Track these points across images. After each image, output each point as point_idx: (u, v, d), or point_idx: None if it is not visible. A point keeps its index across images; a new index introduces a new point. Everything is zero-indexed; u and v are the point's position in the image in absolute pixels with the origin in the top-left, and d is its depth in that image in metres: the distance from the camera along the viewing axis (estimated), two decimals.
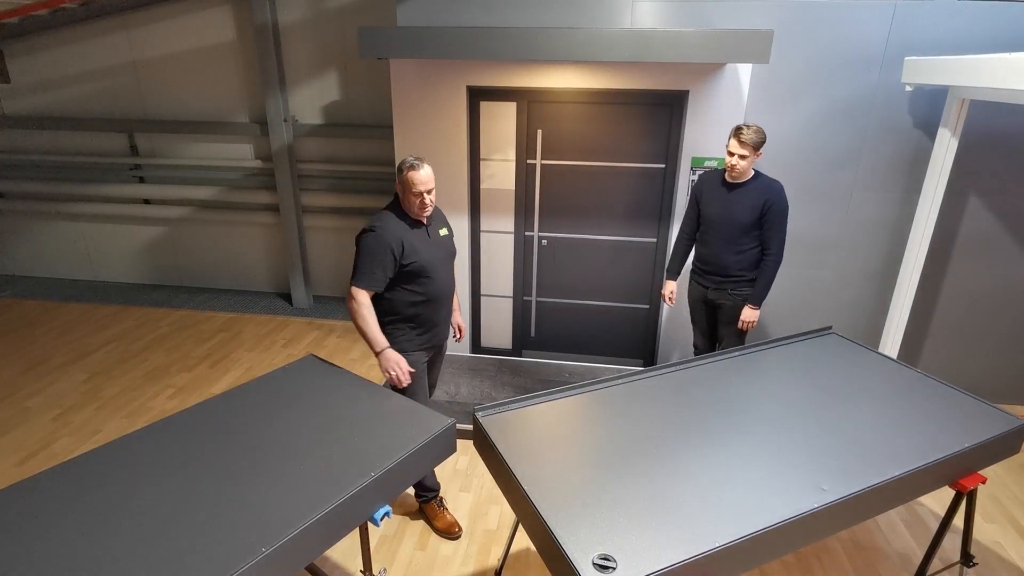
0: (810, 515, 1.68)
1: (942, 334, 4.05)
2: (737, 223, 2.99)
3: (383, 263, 2.41)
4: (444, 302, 2.63)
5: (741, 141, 2.84)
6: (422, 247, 2.48)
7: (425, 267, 2.48)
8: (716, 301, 3.19)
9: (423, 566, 2.68)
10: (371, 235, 2.40)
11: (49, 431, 3.62)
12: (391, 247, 2.39)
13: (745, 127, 2.84)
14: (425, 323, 2.60)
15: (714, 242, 3.10)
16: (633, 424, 2.10)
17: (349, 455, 1.87)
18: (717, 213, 3.05)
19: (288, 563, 1.55)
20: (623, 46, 3.11)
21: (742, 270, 3.07)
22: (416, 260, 2.45)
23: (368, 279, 2.42)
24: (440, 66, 3.76)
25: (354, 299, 2.44)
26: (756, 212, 2.95)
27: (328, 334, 4.99)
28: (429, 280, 2.52)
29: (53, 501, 1.67)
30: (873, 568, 2.71)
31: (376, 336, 2.47)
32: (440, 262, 2.56)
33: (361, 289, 2.43)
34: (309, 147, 5.24)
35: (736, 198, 2.99)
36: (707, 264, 3.16)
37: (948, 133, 3.35)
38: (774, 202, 2.92)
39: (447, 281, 2.62)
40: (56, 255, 6.11)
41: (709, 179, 3.14)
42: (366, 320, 2.45)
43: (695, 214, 3.23)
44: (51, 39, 5.25)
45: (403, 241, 2.42)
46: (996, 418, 2.16)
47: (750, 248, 3.03)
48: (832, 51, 3.57)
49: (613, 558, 1.50)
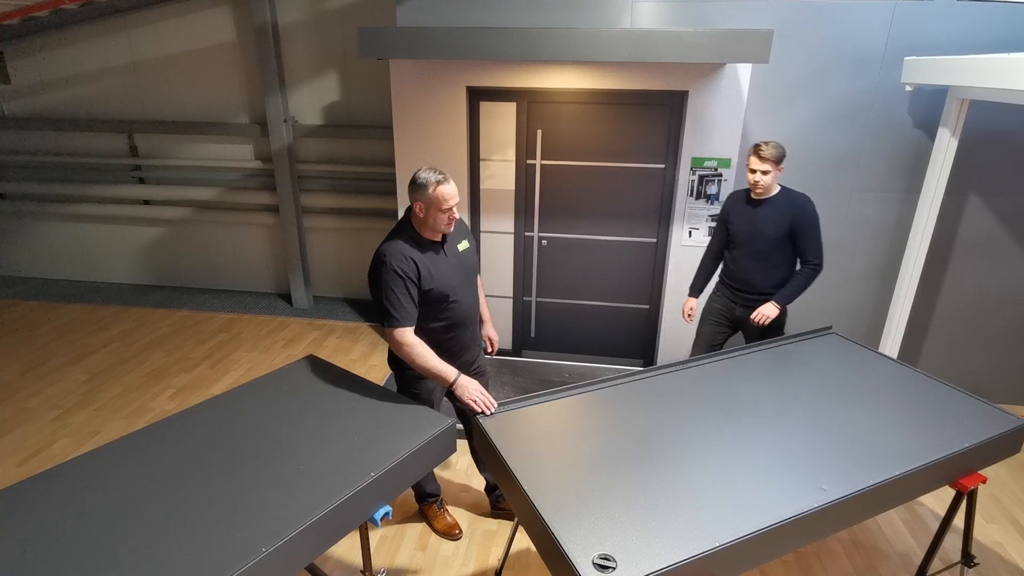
0: (810, 515, 1.68)
1: (942, 334, 4.05)
2: (764, 239, 2.94)
3: (408, 293, 2.23)
4: (469, 323, 2.47)
5: (761, 157, 2.81)
6: (438, 270, 2.30)
7: (445, 291, 2.31)
8: (743, 318, 3.13)
9: (423, 566, 2.68)
10: (384, 270, 2.22)
11: (49, 432, 3.61)
12: (407, 275, 2.22)
13: (764, 143, 2.81)
14: (450, 348, 2.42)
15: (743, 259, 3.05)
16: (633, 424, 2.10)
17: (349, 455, 1.87)
18: (744, 230, 3.01)
19: (288, 563, 1.55)
20: (622, 46, 3.11)
21: (773, 287, 3.01)
22: (434, 287, 2.28)
23: (403, 315, 2.23)
24: (440, 66, 3.77)
25: (401, 343, 2.24)
26: (783, 227, 2.89)
27: (328, 334, 4.99)
28: (451, 304, 2.35)
29: (53, 502, 1.67)
30: (873, 568, 2.71)
31: (443, 369, 2.24)
32: (461, 282, 2.38)
33: (402, 329, 2.23)
34: (309, 148, 5.25)
35: (762, 214, 2.94)
36: (736, 282, 3.11)
37: (948, 133, 3.35)
38: (800, 214, 2.86)
39: (470, 301, 2.44)
40: (56, 256, 6.11)
41: (736, 199, 3.10)
42: (424, 357, 2.24)
43: (723, 235, 3.18)
44: (51, 40, 5.26)
45: (418, 267, 2.24)
46: (996, 418, 2.16)
47: (780, 265, 2.98)
48: (832, 51, 3.57)
49: (613, 558, 1.50)
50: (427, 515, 2.91)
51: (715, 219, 3.82)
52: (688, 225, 3.88)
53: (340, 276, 5.70)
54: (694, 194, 3.81)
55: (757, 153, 2.83)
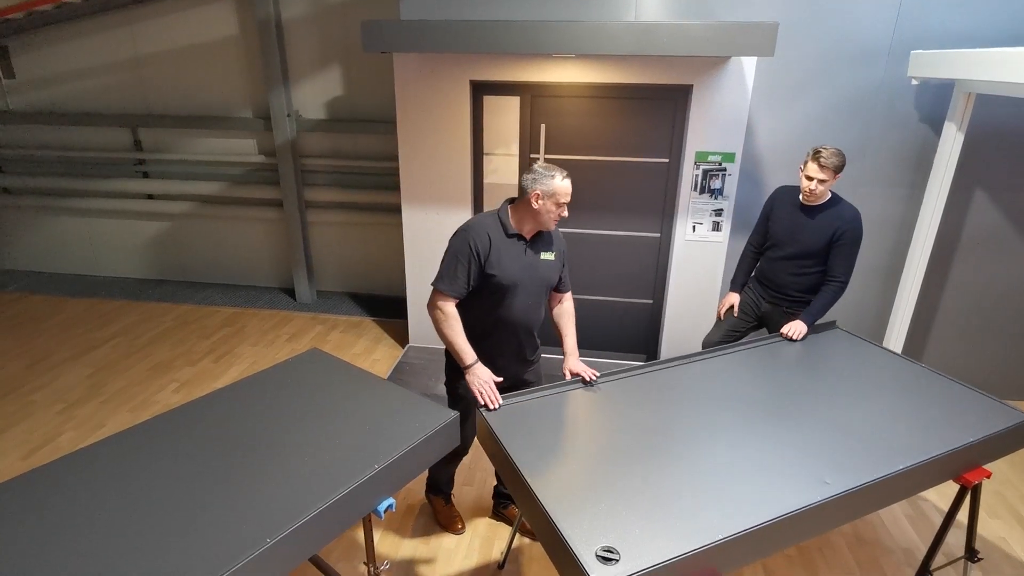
0: (813, 508, 1.68)
1: (947, 329, 4.03)
2: (804, 247, 2.84)
3: (467, 266, 2.18)
4: (516, 333, 2.34)
5: (821, 165, 2.65)
6: (511, 261, 2.22)
7: (506, 285, 2.22)
8: (768, 315, 3.08)
9: (427, 558, 2.69)
10: (458, 235, 2.19)
11: (54, 425, 3.63)
12: (477, 249, 2.17)
13: (824, 149, 2.65)
14: (485, 351, 2.30)
15: (777, 260, 2.97)
16: (636, 418, 2.10)
17: (353, 447, 1.87)
18: (785, 234, 2.90)
19: (292, 554, 1.56)
20: (626, 39, 3.09)
21: (801, 291, 2.93)
22: (497, 274, 2.20)
23: (449, 282, 2.19)
24: (443, 60, 3.76)
25: (436, 306, 2.21)
26: (825, 239, 2.78)
27: (332, 329, 5.00)
28: (506, 302, 2.26)
29: (58, 493, 1.68)
30: (876, 563, 2.71)
31: (464, 349, 2.21)
32: (528, 285, 2.27)
33: (442, 293, 2.21)
34: (312, 142, 5.25)
35: (807, 223, 2.82)
36: (768, 281, 3.05)
37: (954, 127, 3.33)
38: (846, 231, 2.73)
39: (527, 311, 2.31)
40: (60, 250, 6.13)
41: (783, 195, 2.97)
42: (452, 328, 2.20)
43: (764, 228, 3.06)
44: (55, 34, 5.26)
45: (491, 247, 2.18)
46: (1001, 413, 2.15)
47: (813, 271, 2.87)
48: (837, 44, 3.55)
49: (616, 550, 1.50)
50: (433, 505, 2.91)
51: (719, 213, 3.81)
52: (692, 220, 3.87)
53: (344, 271, 5.71)
54: (698, 189, 3.80)
55: (817, 160, 2.66)
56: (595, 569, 1.44)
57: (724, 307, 3.22)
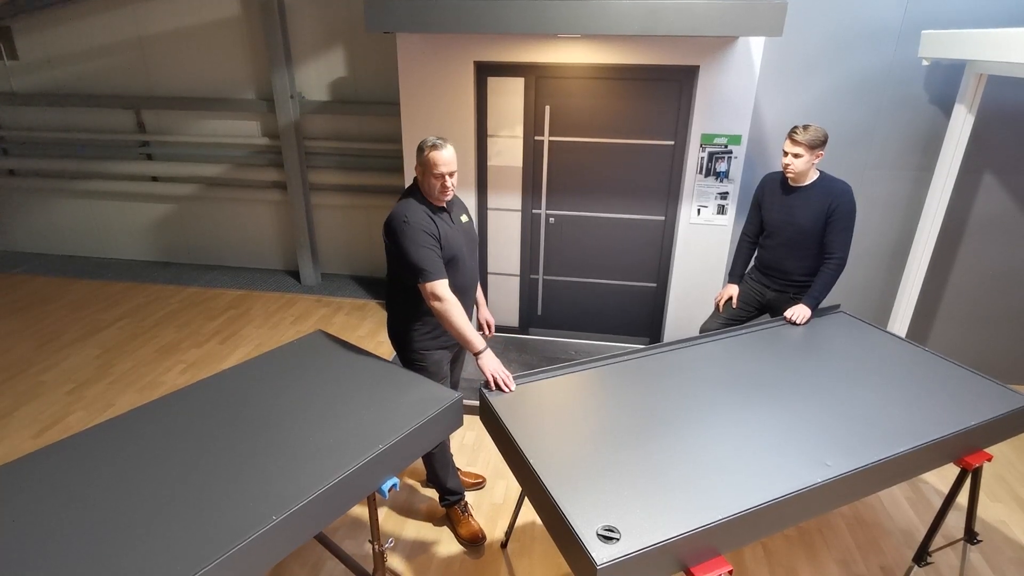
0: (813, 489, 1.69)
1: (952, 314, 4.02)
2: (799, 229, 2.84)
3: (434, 249, 2.22)
4: (468, 295, 2.44)
5: (794, 140, 2.71)
6: (452, 233, 2.31)
7: (454, 256, 2.31)
8: (774, 303, 3.05)
9: (431, 537, 2.73)
10: (408, 228, 2.20)
11: (63, 405, 3.68)
12: (431, 233, 2.22)
13: (801, 127, 2.71)
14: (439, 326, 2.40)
15: (776, 248, 2.96)
16: (638, 399, 2.11)
17: (357, 428, 1.90)
18: (778, 218, 2.91)
19: (298, 532, 1.58)
20: (632, 18, 3.05)
21: (806, 275, 2.91)
22: (446, 247, 2.27)
23: (435, 268, 2.21)
24: (447, 41, 3.72)
25: (437, 297, 2.20)
26: (820, 217, 2.78)
27: (336, 311, 5.03)
28: (456, 272, 2.33)
29: (68, 472, 1.71)
30: (875, 544, 2.73)
31: (473, 336, 2.23)
32: (466, 251, 2.39)
33: (437, 282, 2.20)
34: (316, 124, 5.22)
35: (798, 202, 2.83)
36: (770, 269, 3.03)
37: (964, 109, 3.29)
38: (838, 205, 2.74)
39: (472, 272, 2.44)
40: (66, 232, 6.15)
41: (771, 182, 2.98)
42: (459, 317, 2.21)
43: (757, 218, 3.07)
44: (58, 15, 5.22)
45: (436, 226, 2.25)
46: (1004, 397, 2.15)
47: (816, 253, 2.87)
48: (847, 24, 3.49)
49: (617, 529, 1.52)
50: (451, 519, 2.79)
51: (724, 197, 3.79)
52: (697, 203, 3.85)
53: (348, 253, 5.72)
54: (703, 171, 3.77)
55: (791, 136, 2.72)
56: (596, 548, 1.46)
57: (723, 298, 3.21)
